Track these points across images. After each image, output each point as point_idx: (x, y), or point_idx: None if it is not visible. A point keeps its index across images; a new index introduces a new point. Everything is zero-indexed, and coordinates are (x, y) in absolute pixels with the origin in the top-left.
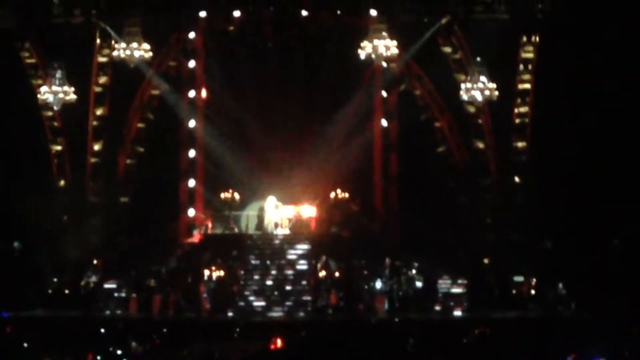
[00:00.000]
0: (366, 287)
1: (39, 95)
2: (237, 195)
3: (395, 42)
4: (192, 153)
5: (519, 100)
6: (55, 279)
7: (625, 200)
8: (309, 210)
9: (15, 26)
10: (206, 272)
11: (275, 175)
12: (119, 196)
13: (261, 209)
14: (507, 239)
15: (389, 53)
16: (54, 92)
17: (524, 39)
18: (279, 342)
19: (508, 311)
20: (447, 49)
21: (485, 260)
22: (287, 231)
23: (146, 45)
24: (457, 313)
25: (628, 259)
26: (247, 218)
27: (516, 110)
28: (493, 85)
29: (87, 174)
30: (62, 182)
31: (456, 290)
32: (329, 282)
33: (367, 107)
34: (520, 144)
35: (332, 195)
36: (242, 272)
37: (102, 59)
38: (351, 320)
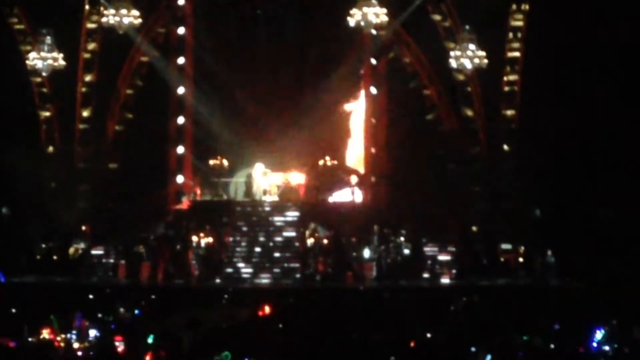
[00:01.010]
0: (354, 254)
1: (27, 62)
2: (225, 162)
3: (384, 10)
4: (180, 120)
5: (508, 69)
6: (43, 245)
7: (615, 168)
8: (297, 177)
9: None
10: (194, 239)
11: (264, 142)
12: (108, 163)
13: (249, 176)
14: (495, 207)
15: (378, 21)
16: (43, 58)
17: (514, 7)
18: (266, 309)
19: (496, 279)
20: (437, 17)
21: (474, 228)
22: (275, 198)
23: (135, 12)
24: (445, 281)
25: (617, 227)
26: (236, 185)
27: (505, 79)
28: (482, 53)
29: (76, 140)
30: (50, 148)
31: (444, 258)
32: (318, 249)
33: (356, 75)
34: (509, 112)
35: (321, 162)
36: (231, 239)
37: (91, 25)
38: (339, 288)
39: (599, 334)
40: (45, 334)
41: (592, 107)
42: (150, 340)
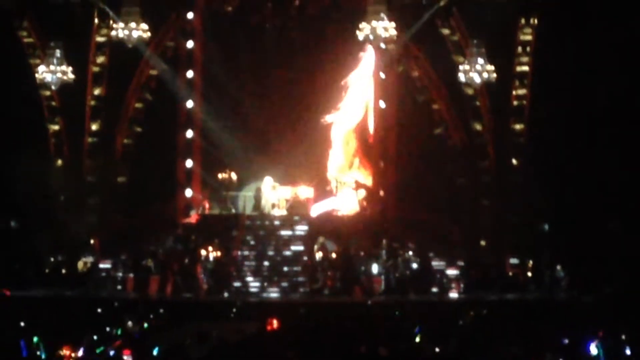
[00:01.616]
0: (363, 268)
1: (36, 75)
2: (234, 176)
3: (393, 24)
4: (189, 133)
5: (517, 83)
6: (52, 259)
7: (624, 181)
8: (306, 191)
9: (14, 5)
10: (203, 253)
11: (272, 155)
12: (116, 176)
13: (258, 190)
14: (504, 221)
15: (387, 34)
16: (52, 72)
17: (523, 21)
18: (275, 323)
19: (505, 293)
20: (446, 31)
21: (482, 242)
22: (284, 212)
23: (144, 25)
24: (454, 295)
25: (626, 241)
26: (244, 199)
27: (514, 93)
28: (491, 68)
29: (85, 153)
30: (59, 162)
31: (452, 272)
32: (326, 263)
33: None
34: (518, 126)
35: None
36: (239, 252)
37: (100, 39)
38: (347, 302)
39: (593, 348)
40: (63, 352)
41: (602, 120)
42: (155, 352)
